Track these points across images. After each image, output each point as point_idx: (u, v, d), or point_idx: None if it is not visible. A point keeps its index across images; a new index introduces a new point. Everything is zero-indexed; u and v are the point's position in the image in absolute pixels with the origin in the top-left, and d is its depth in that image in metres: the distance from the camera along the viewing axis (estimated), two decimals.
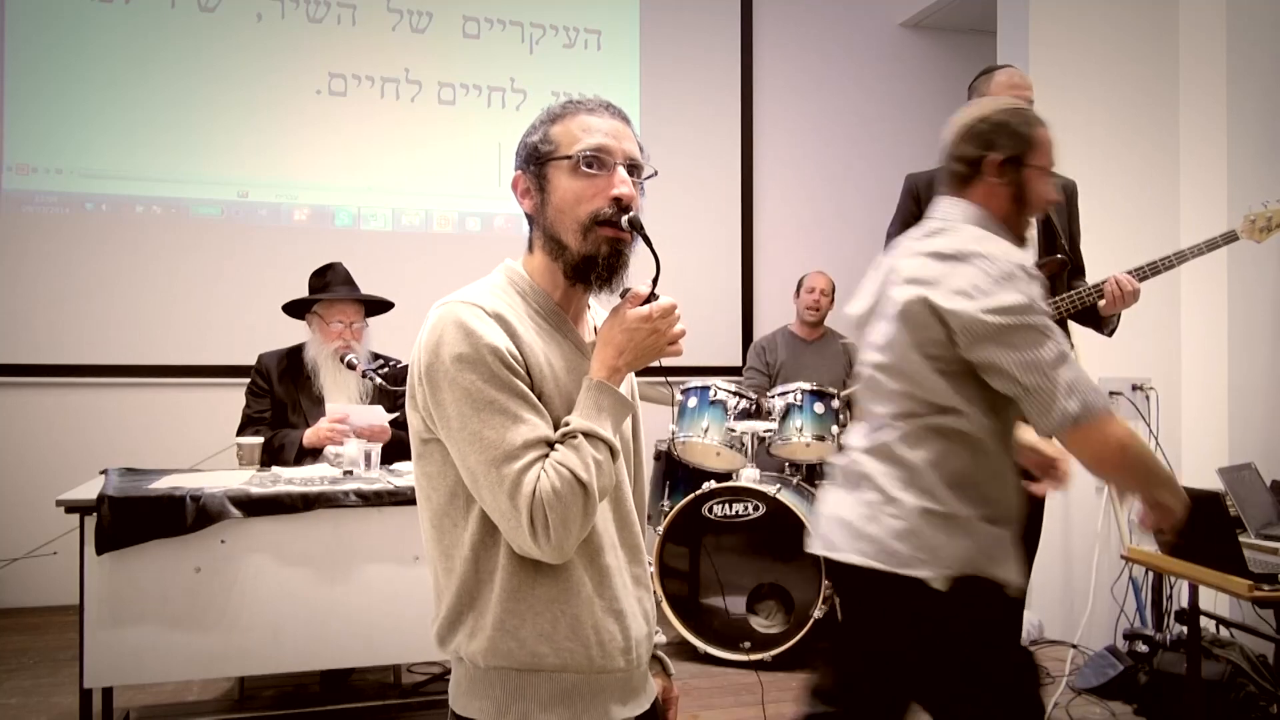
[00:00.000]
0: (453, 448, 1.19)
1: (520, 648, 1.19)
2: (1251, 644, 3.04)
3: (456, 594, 1.21)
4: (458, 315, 1.19)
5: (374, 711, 2.94)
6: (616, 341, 1.24)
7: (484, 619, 1.20)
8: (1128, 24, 3.99)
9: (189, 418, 4.36)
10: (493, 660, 1.20)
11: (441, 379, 1.17)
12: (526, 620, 1.20)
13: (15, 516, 4.19)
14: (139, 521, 2.42)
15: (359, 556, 2.60)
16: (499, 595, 1.19)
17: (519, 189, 1.32)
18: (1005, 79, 3.08)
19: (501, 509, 1.15)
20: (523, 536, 1.15)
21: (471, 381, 1.16)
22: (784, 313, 4.86)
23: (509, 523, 1.16)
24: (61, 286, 4.36)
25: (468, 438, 1.16)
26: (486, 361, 1.16)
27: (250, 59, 4.61)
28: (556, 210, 1.26)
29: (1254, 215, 2.86)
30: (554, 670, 1.21)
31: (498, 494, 1.15)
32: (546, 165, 1.27)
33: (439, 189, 4.87)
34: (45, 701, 3.10)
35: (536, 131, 1.30)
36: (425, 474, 1.24)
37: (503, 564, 1.20)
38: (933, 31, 5.68)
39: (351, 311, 3.24)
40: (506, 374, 1.17)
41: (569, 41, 5.08)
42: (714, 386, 3.89)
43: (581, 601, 1.22)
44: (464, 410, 1.16)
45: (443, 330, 1.19)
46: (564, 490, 1.15)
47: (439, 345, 1.18)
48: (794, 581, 3.48)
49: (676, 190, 5.12)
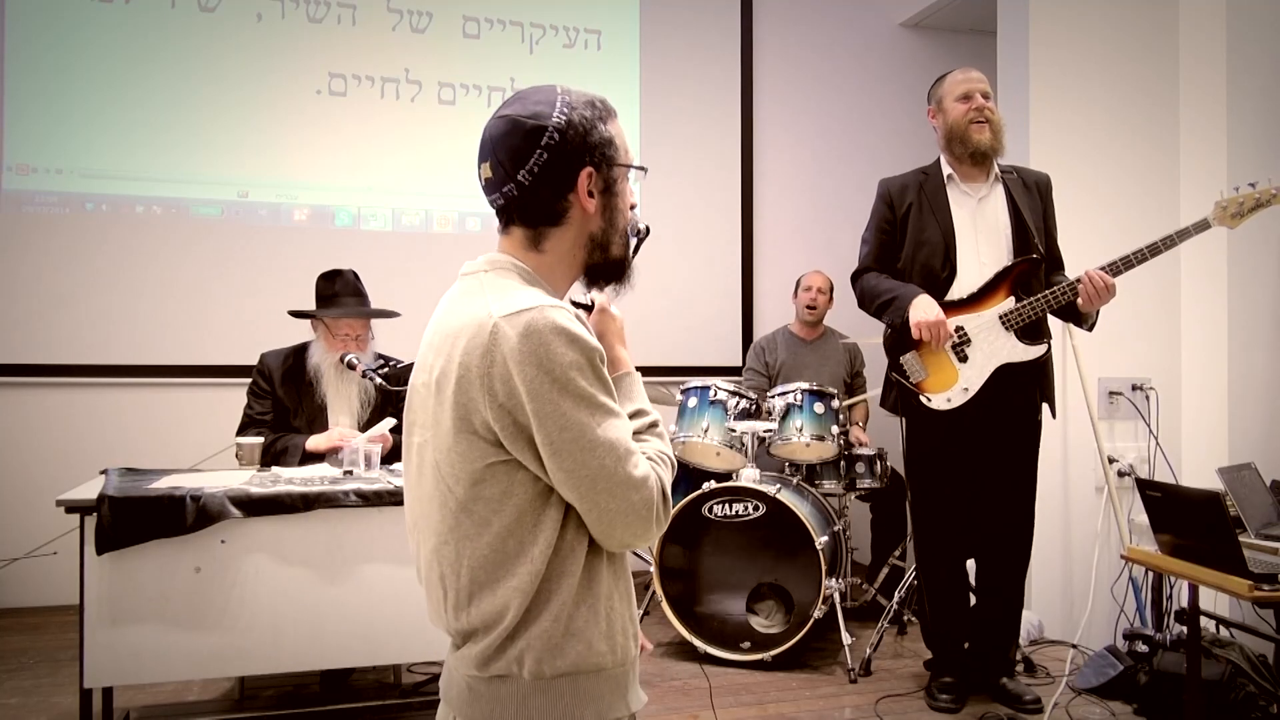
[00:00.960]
0: (565, 459, 1.14)
1: (589, 650, 1.19)
2: (1251, 644, 3.04)
3: (518, 610, 1.17)
4: (554, 320, 1.14)
5: (374, 711, 2.94)
6: (621, 334, 1.35)
7: (555, 626, 1.18)
8: (1128, 24, 3.99)
9: (189, 418, 4.36)
10: (563, 668, 1.18)
11: (556, 391, 1.12)
12: (590, 622, 1.20)
13: (15, 516, 4.19)
14: (139, 521, 2.42)
15: (359, 556, 2.60)
16: (568, 602, 1.18)
17: (585, 186, 1.24)
18: (958, 74, 3.11)
19: (630, 504, 1.16)
20: (645, 527, 1.18)
21: (584, 388, 1.14)
22: (784, 313, 4.86)
23: (632, 516, 1.16)
24: (61, 286, 4.36)
25: (588, 445, 1.14)
26: (594, 364, 1.16)
27: (250, 59, 4.61)
28: (618, 214, 1.27)
29: (1225, 201, 2.85)
30: (613, 667, 1.22)
31: (625, 492, 1.16)
32: (615, 169, 1.26)
33: (439, 189, 4.87)
34: (45, 701, 3.10)
35: (599, 129, 1.25)
36: (483, 498, 1.17)
37: (571, 570, 1.19)
38: (933, 31, 5.68)
39: (359, 325, 3.23)
40: (606, 374, 1.19)
41: (569, 41, 5.08)
42: (714, 386, 3.89)
43: (619, 594, 1.25)
44: (583, 419, 1.14)
45: (544, 339, 1.12)
46: (666, 475, 1.22)
47: (544, 356, 1.12)
48: (794, 581, 3.48)
49: (677, 190, 5.12)
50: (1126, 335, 3.86)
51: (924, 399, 3.02)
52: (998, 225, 3.05)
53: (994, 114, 3.05)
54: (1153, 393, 3.86)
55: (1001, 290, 2.97)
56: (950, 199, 3.08)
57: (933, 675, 3.20)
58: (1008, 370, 2.96)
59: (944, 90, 3.10)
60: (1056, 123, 3.93)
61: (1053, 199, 3.17)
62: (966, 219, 3.06)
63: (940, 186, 3.09)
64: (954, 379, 2.99)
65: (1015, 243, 3.04)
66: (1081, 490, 3.89)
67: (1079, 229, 3.57)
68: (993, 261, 3.02)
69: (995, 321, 2.96)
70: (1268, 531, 2.64)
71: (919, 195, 3.11)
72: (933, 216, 3.07)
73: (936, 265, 3.04)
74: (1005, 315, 2.95)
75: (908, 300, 2.98)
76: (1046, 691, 3.17)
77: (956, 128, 3.04)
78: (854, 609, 4.06)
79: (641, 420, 1.27)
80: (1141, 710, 3.02)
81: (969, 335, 2.98)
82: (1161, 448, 3.82)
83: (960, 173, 3.09)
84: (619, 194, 1.27)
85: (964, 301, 3.00)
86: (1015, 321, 2.95)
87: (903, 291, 3.02)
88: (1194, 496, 2.37)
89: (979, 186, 3.09)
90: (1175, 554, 2.41)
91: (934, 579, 3.19)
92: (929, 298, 2.98)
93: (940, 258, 3.04)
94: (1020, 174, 3.16)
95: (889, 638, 3.82)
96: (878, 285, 3.11)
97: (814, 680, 3.39)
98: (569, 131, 1.23)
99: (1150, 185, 3.99)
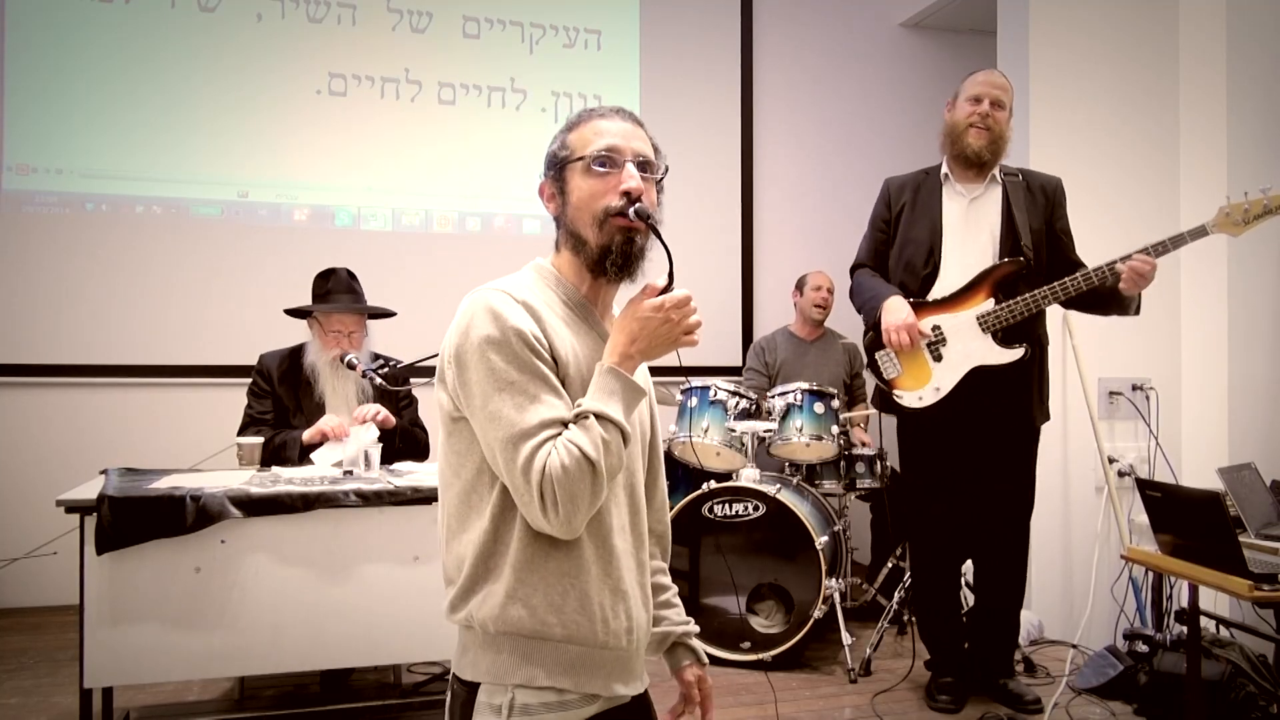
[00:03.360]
0: (476, 425, 1.26)
1: (531, 615, 1.25)
2: (1251, 644, 3.04)
3: (474, 563, 1.27)
4: (488, 300, 1.27)
5: (374, 711, 2.94)
6: (629, 329, 1.31)
7: (498, 586, 1.26)
8: (1128, 24, 3.99)
9: (189, 418, 4.36)
10: (503, 625, 1.26)
11: (469, 359, 1.25)
12: (538, 590, 1.26)
13: (15, 516, 4.19)
14: (139, 521, 2.41)
15: (359, 556, 2.60)
16: (513, 564, 1.26)
17: (545, 195, 1.41)
18: (980, 75, 3.09)
19: (516, 484, 1.22)
20: (535, 511, 1.22)
21: (495, 362, 1.23)
22: (784, 313, 4.86)
23: (523, 497, 1.22)
24: (61, 286, 4.36)
25: (488, 416, 1.23)
26: (511, 343, 1.24)
27: (250, 59, 4.61)
28: (575, 208, 1.35)
29: (1229, 208, 2.76)
30: (560, 640, 1.27)
31: (513, 470, 1.22)
32: (565, 169, 1.37)
33: (439, 189, 4.87)
34: (45, 701, 3.10)
35: (556, 140, 1.40)
36: (455, 451, 1.31)
37: (518, 536, 1.26)
38: (933, 31, 5.68)
39: (351, 321, 3.22)
40: (529, 356, 1.24)
41: (569, 41, 5.08)
42: (714, 386, 3.89)
43: (591, 579, 1.28)
44: (487, 389, 1.23)
45: (473, 314, 1.27)
46: (572, 467, 1.20)
47: (469, 328, 1.26)
48: (794, 581, 3.48)
49: (677, 190, 5.10)
50: (1126, 335, 3.86)
51: (895, 395, 3.03)
52: (988, 226, 3.03)
53: (998, 123, 2.99)
54: (1153, 393, 3.86)
55: (982, 291, 2.95)
56: (944, 197, 3.08)
57: (933, 675, 3.20)
58: (992, 373, 2.93)
59: (963, 87, 3.08)
60: (1056, 123, 3.93)
61: (1065, 203, 3.12)
62: (956, 218, 3.05)
63: (936, 185, 3.09)
64: (927, 378, 2.99)
65: (1003, 245, 3.02)
66: (1081, 490, 3.89)
67: (1079, 229, 3.54)
68: (977, 262, 3.00)
69: (972, 322, 2.94)
70: (1268, 531, 2.64)
71: (914, 194, 3.11)
72: (924, 215, 3.07)
73: (919, 262, 3.05)
74: (983, 316, 2.93)
75: (880, 300, 3.01)
76: (1046, 691, 3.17)
77: (955, 127, 3.04)
78: (854, 609, 4.06)
79: (576, 410, 1.27)
80: (1141, 710, 3.02)
81: (944, 334, 2.97)
82: (1161, 448, 3.82)
83: (956, 172, 3.08)
84: (571, 190, 1.35)
85: (943, 301, 2.99)
86: (993, 324, 2.92)
87: (878, 291, 3.05)
88: (1194, 496, 2.36)
89: (973, 187, 3.07)
90: (1175, 554, 2.41)
91: (922, 578, 3.21)
92: (900, 299, 2.99)
93: (924, 255, 3.04)
94: (1026, 177, 3.11)
95: (889, 638, 3.82)
96: (863, 284, 3.16)
97: (814, 680, 3.39)
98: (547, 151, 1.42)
99: (1150, 185, 3.99)
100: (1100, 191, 3.91)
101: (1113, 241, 3.28)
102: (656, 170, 1.38)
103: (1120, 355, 3.90)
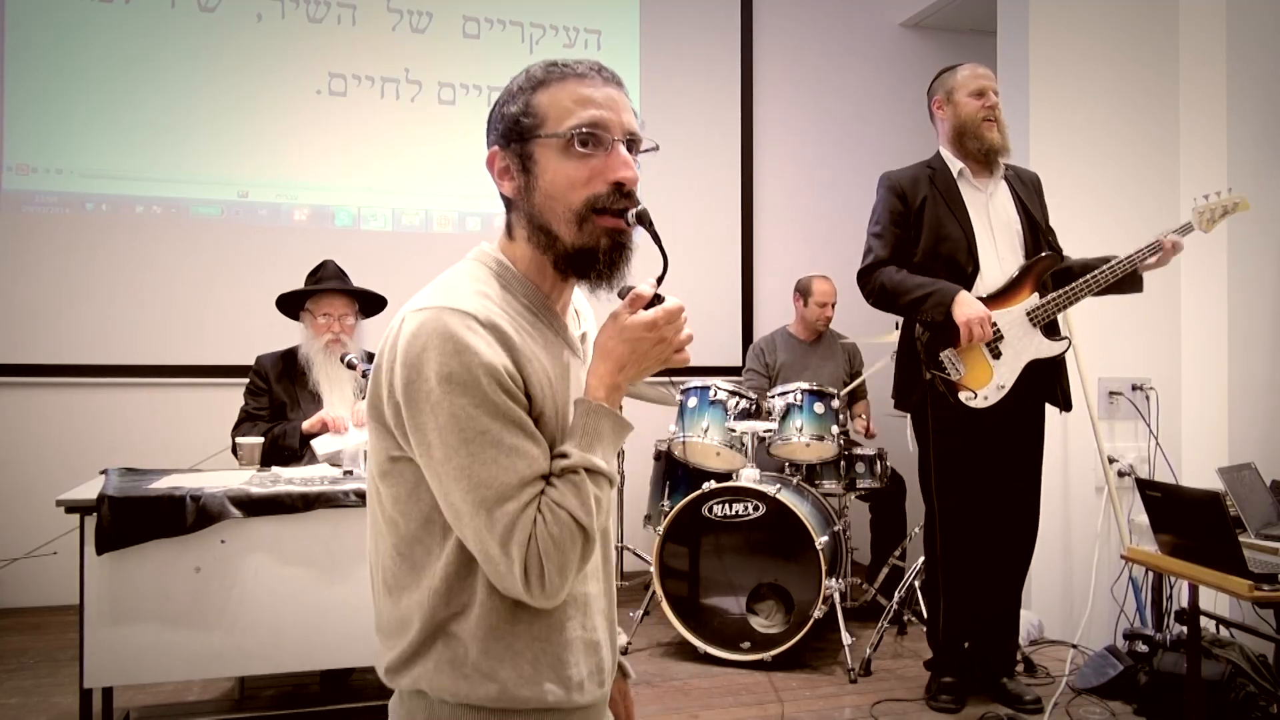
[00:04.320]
0: (433, 479, 1.04)
1: (499, 691, 1.06)
2: (1251, 644, 3.04)
3: (422, 628, 1.08)
4: (446, 326, 1.02)
5: (374, 711, 2.94)
6: (617, 354, 1.09)
7: (456, 657, 1.07)
8: (1128, 24, 3.99)
9: (189, 418, 4.36)
10: (463, 699, 1.07)
11: (424, 400, 1.01)
12: (505, 662, 1.07)
13: (15, 516, 4.19)
14: (139, 521, 2.42)
15: (359, 556, 2.59)
16: (474, 634, 1.07)
17: (495, 168, 1.13)
18: (969, 69, 3.10)
19: (490, 554, 1.02)
20: (513, 585, 1.03)
21: (461, 407, 1.00)
22: (784, 313, 4.86)
23: (497, 568, 1.02)
24: (61, 286, 4.36)
25: (453, 471, 1.01)
26: (481, 384, 1.01)
27: (250, 59, 4.61)
28: (546, 196, 1.09)
29: (1201, 207, 2.95)
30: (532, 711, 1.09)
31: (486, 539, 1.01)
32: (531, 142, 1.10)
33: (439, 189, 4.87)
34: (45, 701, 3.10)
35: (515, 100, 1.12)
36: (392, 496, 1.09)
37: (481, 600, 1.07)
38: (933, 31, 5.68)
39: (340, 305, 3.24)
40: (503, 399, 1.02)
41: (569, 41, 5.08)
42: (714, 386, 3.89)
43: (564, 638, 1.11)
44: (450, 440, 1.00)
45: (427, 342, 1.01)
46: (563, 537, 1.02)
47: (421, 360, 1.01)
48: (794, 581, 3.48)
49: (676, 190, 5.12)
50: (1126, 335, 3.86)
51: (964, 397, 2.96)
52: (1010, 221, 3.07)
53: (1000, 113, 3.07)
54: (1153, 393, 3.86)
55: (1026, 287, 2.97)
56: (963, 194, 3.07)
57: (933, 675, 3.20)
58: (1027, 368, 2.97)
59: (956, 83, 3.08)
60: (1056, 123, 3.93)
61: (1044, 195, 3.20)
62: (980, 215, 3.06)
63: (951, 182, 3.08)
64: (989, 376, 2.97)
65: (1028, 239, 3.05)
66: (1081, 490, 3.89)
67: (1079, 228, 3.56)
68: (1009, 258, 3.02)
69: (1023, 317, 2.96)
70: (1268, 531, 2.64)
71: (932, 189, 3.07)
72: (950, 211, 3.04)
73: (961, 260, 3.01)
74: (1032, 311, 2.95)
75: (949, 296, 2.91)
76: (1046, 691, 3.17)
77: (970, 123, 3.04)
78: (854, 609, 4.05)
79: (560, 461, 1.06)
80: (1141, 710, 3.02)
81: (1001, 332, 2.97)
82: (1161, 448, 3.82)
83: (970, 169, 3.09)
84: (540, 172, 1.09)
85: (992, 297, 2.98)
86: (1042, 317, 2.95)
87: (940, 287, 2.95)
88: (1194, 496, 2.36)
89: (987, 183, 3.10)
90: (1175, 554, 2.41)
91: (951, 581, 3.09)
92: (969, 294, 2.94)
93: (964, 252, 3.01)
94: (1017, 172, 3.18)
95: (889, 638, 3.82)
96: (904, 281, 3.01)
97: (814, 680, 3.39)
98: (493, 112, 1.15)
99: (1150, 185, 3.99)
100: (1100, 191, 3.91)
101: (1113, 241, 3.28)
102: (641, 146, 1.14)
103: (1120, 355, 3.90)
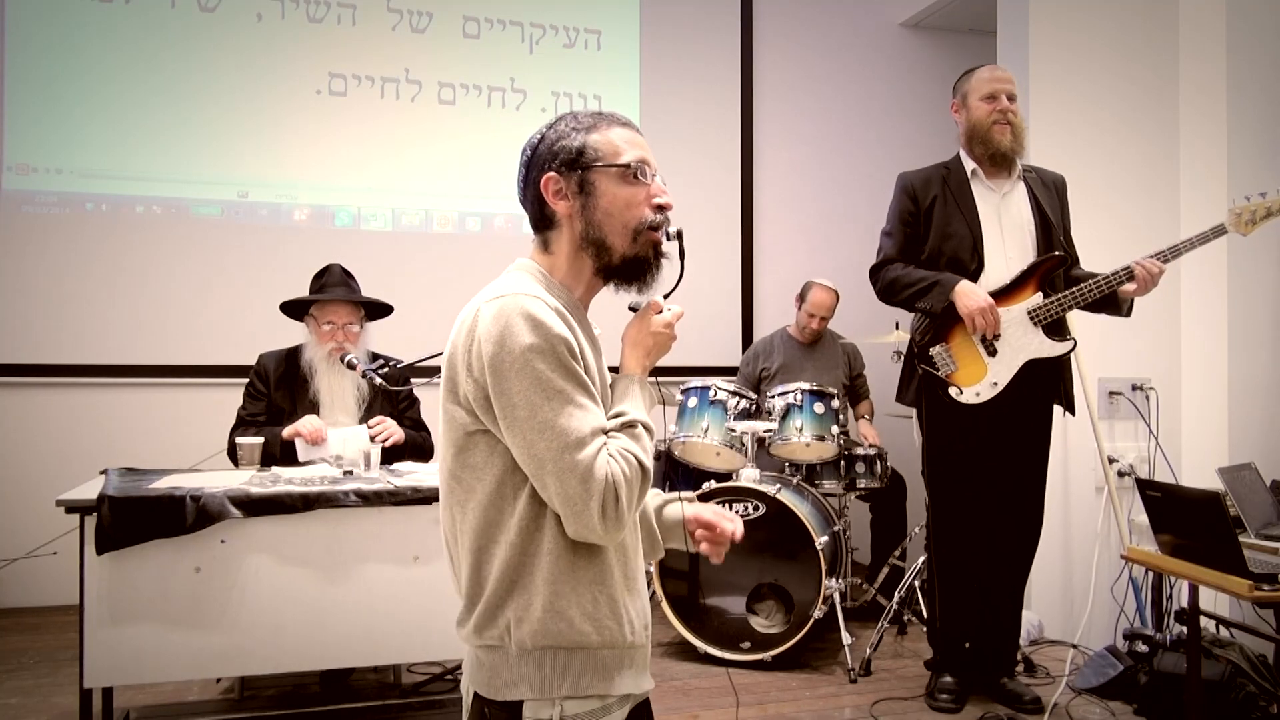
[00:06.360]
0: (517, 436, 1.23)
1: (570, 628, 1.26)
2: (1251, 644, 3.04)
3: (499, 580, 1.26)
4: (524, 306, 1.24)
5: (374, 711, 2.94)
6: (645, 344, 1.39)
7: (534, 601, 1.25)
8: (1128, 24, 3.99)
9: (189, 418, 4.35)
10: (543, 640, 1.25)
11: (509, 369, 1.22)
12: (572, 602, 1.26)
13: (15, 516, 4.19)
14: (139, 521, 2.41)
15: (359, 556, 2.60)
16: (546, 578, 1.25)
17: (550, 190, 1.36)
18: (985, 72, 3.10)
19: (570, 494, 1.21)
20: (589, 519, 1.21)
21: (542, 371, 1.22)
22: (784, 313, 4.86)
23: (576, 506, 1.21)
24: (61, 286, 4.36)
25: (538, 425, 1.21)
26: (557, 351, 1.23)
27: (250, 59, 4.61)
28: (605, 214, 1.34)
29: (1239, 209, 2.89)
30: (597, 647, 1.28)
31: (568, 479, 1.21)
32: (591, 171, 1.35)
33: (439, 189, 4.86)
34: (45, 701, 3.10)
35: (572, 138, 1.37)
36: (469, 465, 1.28)
37: (549, 548, 1.26)
38: (933, 31, 5.68)
39: (344, 313, 3.20)
40: (574, 365, 1.24)
41: (569, 41, 5.08)
42: (714, 386, 3.89)
43: (615, 582, 1.31)
44: (534, 399, 1.21)
45: (508, 321, 1.23)
46: (632, 476, 1.24)
47: (505, 335, 1.22)
48: (794, 581, 3.48)
49: (676, 190, 5.10)
50: (1126, 335, 3.86)
51: (953, 391, 2.98)
52: (1022, 221, 3.06)
53: (1016, 116, 3.04)
54: (1153, 393, 3.86)
55: (1030, 285, 2.97)
56: (975, 194, 3.07)
57: (933, 675, 3.20)
58: (1027, 366, 2.96)
59: (970, 86, 3.09)
60: (1056, 123, 3.93)
61: (1067, 198, 3.19)
62: (991, 214, 3.06)
63: (964, 181, 3.08)
64: (983, 373, 2.97)
65: (1040, 239, 3.05)
66: (1081, 490, 3.89)
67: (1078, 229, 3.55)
68: (1018, 257, 3.02)
69: (1024, 316, 2.96)
70: (1268, 531, 2.64)
71: (943, 189, 3.08)
72: (958, 210, 3.05)
73: (965, 258, 3.02)
74: (1034, 310, 2.95)
75: (950, 287, 2.94)
76: (1046, 691, 3.17)
77: (979, 127, 3.04)
78: (854, 609, 4.06)
79: (619, 419, 1.30)
80: (1141, 710, 3.02)
81: (999, 329, 2.97)
82: (1161, 448, 3.82)
83: (985, 169, 3.09)
84: (600, 195, 1.34)
85: (992, 295, 2.97)
86: (1044, 317, 2.95)
87: (942, 278, 2.98)
88: (1194, 496, 2.37)
89: (1002, 183, 3.09)
90: (1175, 554, 2.41)
91: (949, 578, 3.13)
92: (971, 284, 2.95)
93: (968, 250, 3.02)
94: (1039, 173, 3.16)
95: (889, 638, 3.82)
96: (909, 274, 3.05)
97: (814, 680, 3.39)
98: (540, 145, 1.40)
99: (1150, 185, 3.99)
100: (1100, 191, 3.91)
101: (1113, 241, 3.28)
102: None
103: (1120, 355, 3.90)
